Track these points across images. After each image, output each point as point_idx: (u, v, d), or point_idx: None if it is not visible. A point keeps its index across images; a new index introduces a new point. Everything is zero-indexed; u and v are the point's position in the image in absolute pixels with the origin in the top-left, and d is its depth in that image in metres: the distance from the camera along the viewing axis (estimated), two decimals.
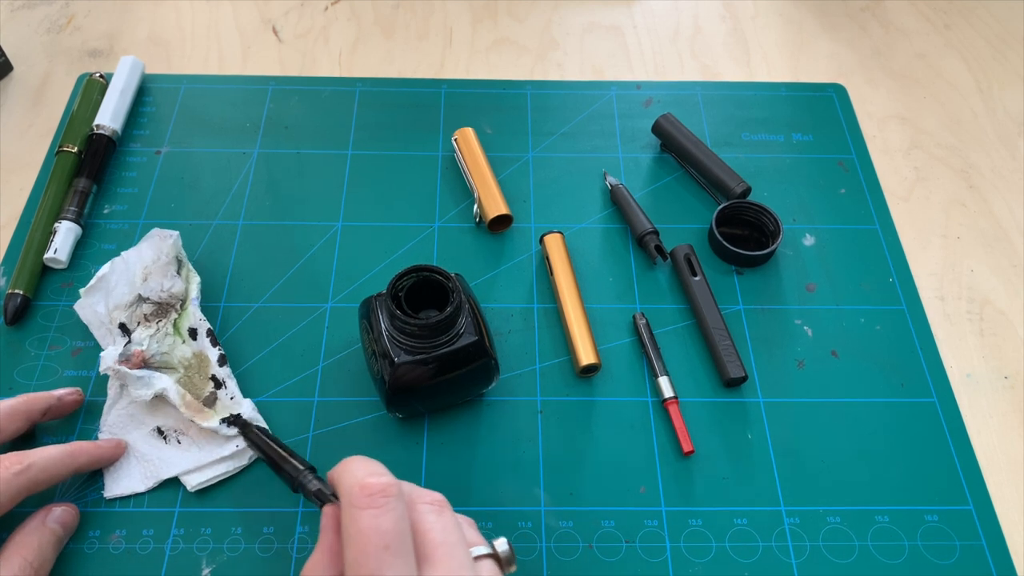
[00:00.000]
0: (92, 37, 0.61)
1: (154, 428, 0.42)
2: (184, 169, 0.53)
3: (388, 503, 0.30)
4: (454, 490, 0.41)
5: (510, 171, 0.53)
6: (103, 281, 0.44)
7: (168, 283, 0.44)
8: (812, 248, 0.50)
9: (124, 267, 0.45)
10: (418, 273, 0.39)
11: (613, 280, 0.48)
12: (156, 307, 0.44)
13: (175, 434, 0.42)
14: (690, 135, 0.53)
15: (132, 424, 0.42)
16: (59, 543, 0.38)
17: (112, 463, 0.41)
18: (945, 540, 0.40)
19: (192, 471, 0.41)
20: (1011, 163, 0.55)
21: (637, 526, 0.40)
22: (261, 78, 0.58)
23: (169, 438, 0.42)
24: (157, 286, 0.44)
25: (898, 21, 0.64)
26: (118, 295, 0.44)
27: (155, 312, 0.44)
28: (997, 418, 0.44)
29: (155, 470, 0.41)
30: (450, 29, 0.62)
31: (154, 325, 0.44)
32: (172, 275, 0.45)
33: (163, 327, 0.44)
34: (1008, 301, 0.49)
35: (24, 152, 0.54)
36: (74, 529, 0.39)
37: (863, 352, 0.46)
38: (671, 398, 0.43)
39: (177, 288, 0.45)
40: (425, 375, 0.39)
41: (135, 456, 0.41)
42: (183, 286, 0.45)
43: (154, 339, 0.43)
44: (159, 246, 0.45)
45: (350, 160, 0.53)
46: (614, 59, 0.61)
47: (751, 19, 0.64)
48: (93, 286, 0.44)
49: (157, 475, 0.41)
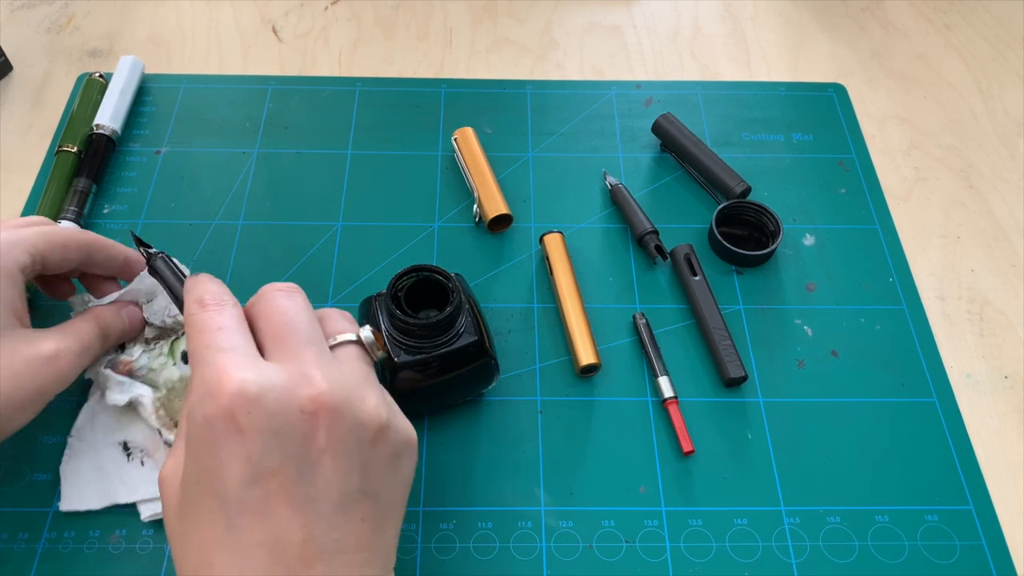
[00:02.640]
0: (92, 37, 0.61)
1: (121, 442, 0.40)
2: (184, 169, 0.53)
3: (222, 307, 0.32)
4: (454, 490, 0.41)
5: (510, 171, 0.53)
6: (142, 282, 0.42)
7: (173, 309, 0.43)
8: (812, 248, 0.50)
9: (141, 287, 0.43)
10: (418, 273, 0.39)
11: (613, 280, 0.48)
12: (159, 331, 0.43)
13: (140, 454, 0.40)
14: (690, 135, 0.53)
15: (100, 432, 0.40)
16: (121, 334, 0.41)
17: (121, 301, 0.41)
18: (945, 540, 0.40)
19: (149, 500, 0.39)
20: (1011, 163, 0.55)
21: (637, 526, 0.40)
22: (261, 78, 0.58)
23: (133, 456, 0.40)
24: (162, 311, 0.43)
25: (898, 21, 0.64)
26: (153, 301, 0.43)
27: (156, 336, 0.43)
28: (997, 418, 0.44)
29: (112, 491, 0.39)
30: (450, 29, 0.62)
31: (152, 345, 0.43)
32: None
33: (159, 347, 0.43)
34: (1008, 301, 0.49)
35: (24, 152, 0.54)
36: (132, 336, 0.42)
37: (863, 352, 0.46)
38: (671, 398, 0.43)
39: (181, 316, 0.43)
40: (425, 375, 0.39)
41: (94, 468, 0.40)
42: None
43: (145, 354, 0.42)
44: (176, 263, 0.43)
45: (350, 160, 0.53)
46: (614, 59, 0.61)
47: (751, 19, 0.64)
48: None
49: (113, 497, 0.39)
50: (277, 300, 0.32)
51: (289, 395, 0.28)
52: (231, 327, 0.31)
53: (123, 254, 0.42)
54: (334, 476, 0.29)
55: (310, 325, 0.32)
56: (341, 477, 0.29)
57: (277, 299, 0.32)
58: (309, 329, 0.31)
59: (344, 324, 0.34)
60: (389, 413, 0.31)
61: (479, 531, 0.40)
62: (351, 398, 0.30)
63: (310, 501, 0.28)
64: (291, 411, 0.28)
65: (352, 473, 0.29)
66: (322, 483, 0.28)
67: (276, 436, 0.28)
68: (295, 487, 0.28)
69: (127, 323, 0.41)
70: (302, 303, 0.33)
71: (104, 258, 0.41)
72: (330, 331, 0.33)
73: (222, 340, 0.30)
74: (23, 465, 0.41)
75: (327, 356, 0.31)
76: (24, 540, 0.39)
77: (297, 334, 0.31)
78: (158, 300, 0.43)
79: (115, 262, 0.41)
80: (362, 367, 0.33)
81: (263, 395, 0.28)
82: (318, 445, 0.28)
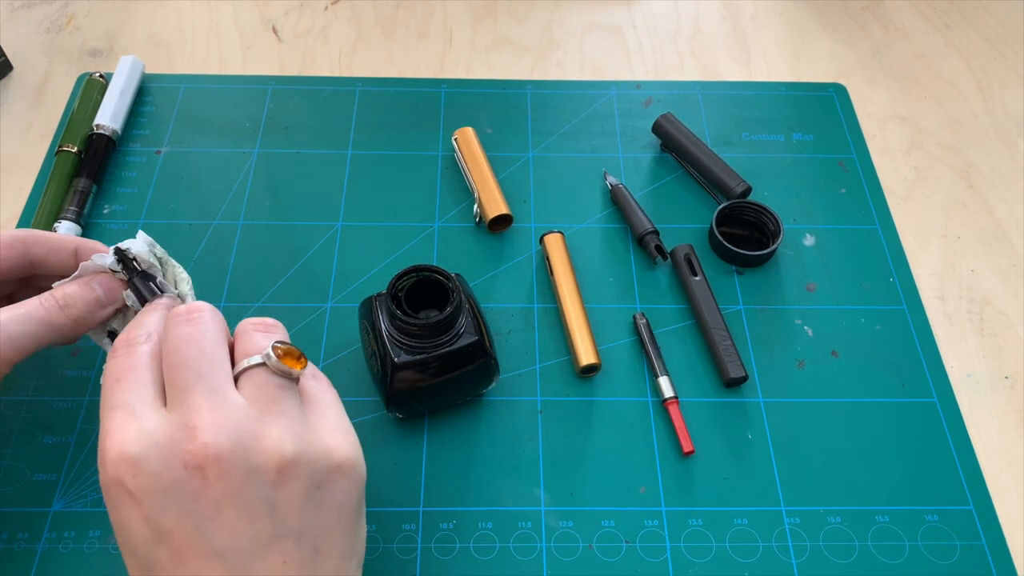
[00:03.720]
0: (92, 37, 0.61)
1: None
2: (184, 169, 0.53)
3: (129, 350, 0.30)
4: (454, 490, 0.41)
5: (510, 171, 0.53)
6: None
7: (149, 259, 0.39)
8: (812, 248, 0.50)
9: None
10: (418, 273, 0.39)
11: (613, 280, 0.48)
12: None
13: None
14: (690, 135, 0.53)
15: None
16: (97, 303, 0.35)
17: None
18: (945, 540, 0.40)
19: None
20: (1011, 163, 0.55)
21: (637, 526, 0.40)
22: (261, 78, 0.58)
23: None
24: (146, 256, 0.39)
25: (898, 21, 0.64)
26: None
27: None
28: (997, 418, 0.44)
29: None
30: (450, 29, 0.62)
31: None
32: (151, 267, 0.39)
33: None
34: (1008, 301, 0.49)
35: (24, 152, 0.54)
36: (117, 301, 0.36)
37: (863, 352, 0.46)
38: (671, 398, 0.43)
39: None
40: (425, 375, 0.39)
41: None
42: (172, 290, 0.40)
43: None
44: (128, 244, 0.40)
45: (350, 160, 0.53)
46: (614, 59, 0.61)
47: (751, 19, 0.64)
48: None
49: None
50: (175, 330, 0.30)
51: (171, 452, 0.27)
52: (128, 375, 0.29)
53: (70, 245, 0.37)
54: (238, 525, 0.27)
55: (205, 359, 0.29)
56: (246, 525, 0.27)
57: (175, 329, 0.30)
58: (203, 364, 0.29)
59: (256, 342, 0.31)
60: (299, 443, 0.29)
61: (479, 531, 0.40)
62: (241, 442, 0.28)
63: (218, 554, 0.27)
64: (175, 468, 0.27)
65: (258, 519, 0.27)
66: (227, 534, 0.27)
67: (166, 495, 0.27)
68: (199, 541, 0.27)
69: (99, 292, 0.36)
70: (202, 328, 0.30)
71: (46, 252, 0.37)
72: (239, 352, 0.31)
73: (116, 395, 0.29)
74: (23, 465, 0.41)
75: (220, 395, 0.29)
76: (24, 540, 0.39)
77: (187, 372, 0.29)
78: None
79: (62, 256, 0.37)
80: (267, 394, 0.29)
81: (145, 456, 0.27)
82: (212, 498, 0.27)
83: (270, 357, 0.30)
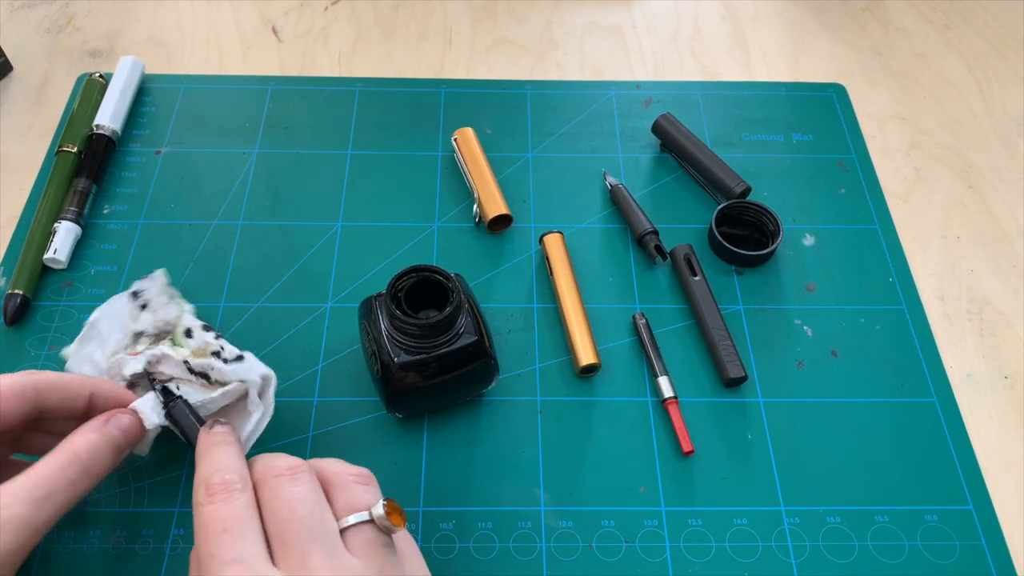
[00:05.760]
0: (92, 37, 0.61)
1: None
2: (184, 169, 0.53)
3: (229, 496, 0.30)
4: (454, 490, 0.41)
5: (510, 171, 0.53)
6: (94, 328, 0.40)
7: (163, 313, 0.41)
8: (812, 248, 0.50)
9: (113, 311, 0.41)
10: (418, 273, 0.39)
11: (613, 280, 0.48)
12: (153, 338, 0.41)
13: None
14: (690, 135, 0.53)
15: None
16: (117, 449, 0.33)
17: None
18: (945, 540, 0.40)
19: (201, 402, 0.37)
20: (1011, 163, 0.55)
21: (637, 526, 0.40)
22: (261, 78, 0.58)
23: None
24: (151, 318, 0.41)
25: (898, 21, 0.64)
26: (114, 342, 0.40)
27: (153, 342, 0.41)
28: (997, 418, 0.44)
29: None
30: (450, 29, 0.62)
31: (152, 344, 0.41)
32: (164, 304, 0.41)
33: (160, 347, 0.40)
34: (1008, 301, 0.49)
35: (24, 152, 0.54)
36: (136, 441, 0.35)
37: (863, 352, 0.46)
38: (671, 398, 0.43)
39: (172, 315, 0.41)
40: (425, 375, 0.39)
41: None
42: (177, 311, 0.41)
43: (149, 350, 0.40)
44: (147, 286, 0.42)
45: (350, 160, 0.53)
46: (614, 59, 0.61)
47: (751, 19, 0.64)
48: (85, 335, 0.40)
49: None
50: (281, 490, 0.30)
51: None
52: (237, 527, 0.29)
53: (85, 390, 0.35)
54: None
55: (315, 517, 0.30)
56: None
57: (281, 488, 0.30)
58: (315, 521, 0.30)
59: (356, 495, 0.31)
60: None
61: (479, 531, 0.40)
62: None
63: None
64: None
65: None
66: None
67: None
68: None
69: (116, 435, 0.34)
70: (307, 487, 0.30)
71: (60, 400, 0.34)
72: (341, 507, 0.31)
73: (227, 549, 0.28)
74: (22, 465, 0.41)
75: (337, 557, 0.29)
76: None
77: (302, 532, 0.29)
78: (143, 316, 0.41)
79: (77, 403, 0.35)
80: (376, 553, 0.30)
81: None
82: None
83: (381, 518, 0.30)
